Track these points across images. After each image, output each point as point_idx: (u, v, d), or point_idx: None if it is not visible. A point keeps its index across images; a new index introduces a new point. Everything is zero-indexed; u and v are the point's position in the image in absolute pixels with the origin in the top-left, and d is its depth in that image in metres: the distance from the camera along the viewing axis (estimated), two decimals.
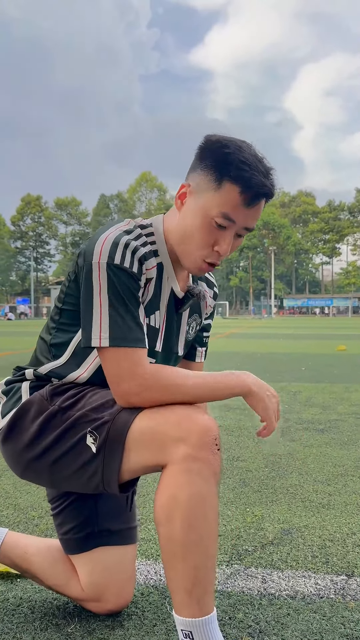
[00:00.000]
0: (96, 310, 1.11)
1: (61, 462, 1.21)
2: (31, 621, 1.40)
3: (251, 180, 1.12)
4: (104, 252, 1.12)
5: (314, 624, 1.38)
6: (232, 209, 1.14)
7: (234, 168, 1.12)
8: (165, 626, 1.37)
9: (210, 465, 1.06)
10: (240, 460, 2.87)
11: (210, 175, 1.15)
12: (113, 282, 1.11)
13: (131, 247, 1.14)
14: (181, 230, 1.21)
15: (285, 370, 7.17)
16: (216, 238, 1.18)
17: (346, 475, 2.64)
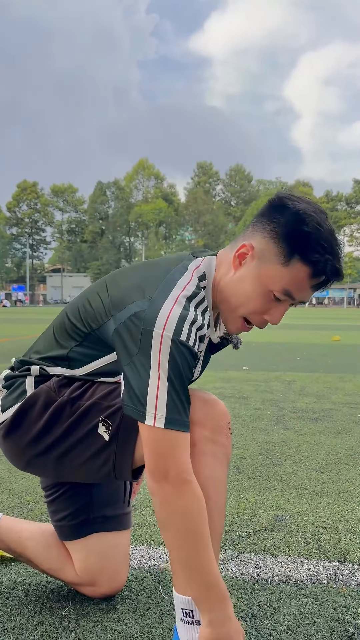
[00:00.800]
0: (153, 384, 1.00)
1: (71, 453, 1.19)
2: (25, 604, 1.41)
3: (326, 265, 1.05)
4: (170, 325, 1.01)
5: (306, 608, 1.39)
6: (296, 288, 1.08)
7: (309, 250, 1.04)
8: (158, 610, 1.38)
9: (223, 447, 1.10)
10: (234, 448, 2.88)
11: (280, 247, 1.07)
12: (176, 359, 1.00)
13: (197, 325, 1.05)
14: (234, 290, 1.13)
15: (280, 360, 7.19)
16: (270, 308, 1.12)
17: (339, 463, 2.65)
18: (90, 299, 1.20)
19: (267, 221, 1.09)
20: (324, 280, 1.08)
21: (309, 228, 1.03)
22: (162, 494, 1.02)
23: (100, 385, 1.20)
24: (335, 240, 1.06)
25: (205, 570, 1.03)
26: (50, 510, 1.42)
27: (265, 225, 1.09)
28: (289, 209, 1.06)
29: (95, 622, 1.33)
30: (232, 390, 4.66)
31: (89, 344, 1.18)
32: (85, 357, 1.20)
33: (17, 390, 1.25)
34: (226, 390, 4.68)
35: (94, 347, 1.18)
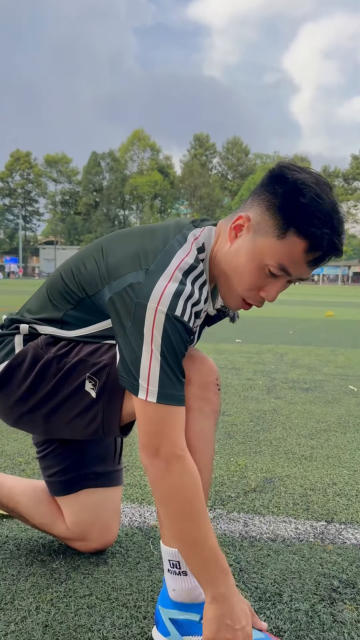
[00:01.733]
0: (145, 358, 0.99)
1: (59, 410, 1.19)
2: (17, 557, 1.43)
3: (322, 239, 0.99)
4: (164, 300, 0.98)
5: (293, 564, 1.43)
6: (291, 263, 1.03)
7: (305, 222, 0.99)
8: (148, 564, 1.41)
9: (211, 403, 1.09)
10: (226, 415, 2.91)
11: (275, 219, 1.02)
12: (169, 335, 0.98)
13: (193, 300, 1.02)
14: (230, 264, 1.09)
15: (274, 333, 7.22)
16: (265, 283, 1.08)
17: (329, 430, 2.69)
18: (85, 262, 1.17)
19: (265, 192, 1.04)
20: (321, 256, 1.02)
21: (305, 199, 0.98)
22: (154, 470, 1.01)
23: (87, 344, 1.19)
24: (337, 214, 1.00)
25: (202, 545, 1.02)
26: (42, 466, 1.43)
27: (263, 196, 1.04)
28: (287, 179, 1.00)
29: (86, 574, 1.36)
30: (224, 362, 4.69)
31: (84, 309, 1.17)
32: (80, 322, 1.19)
33: (6, 347, 1.24)
34: (219, 361, 4.70)
35: (89, 313, 1.17)
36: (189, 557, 1.03)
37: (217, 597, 1.01)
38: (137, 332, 0.99)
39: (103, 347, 1.17)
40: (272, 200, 1.02)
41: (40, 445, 1.42)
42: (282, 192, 1.01)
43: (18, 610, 1.20)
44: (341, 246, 1.02)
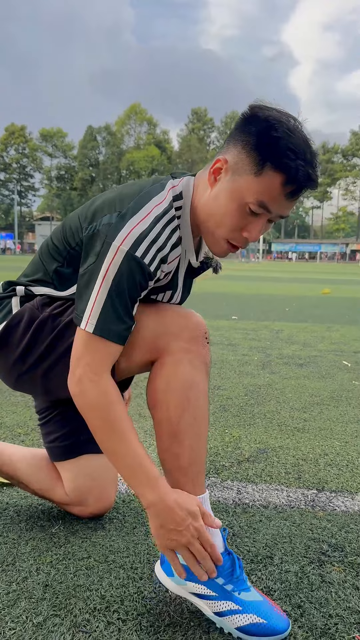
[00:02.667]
0: (94, 293, 1.04)
1: (56, 368, 1.24)
2: (17, 522, 1.48)
3: (297, 171, 1.01)
4: (129, 239, 1.02)
5: (284, 529, 1.48)
6: (270, 198, 1.05)
7: (280, 155, 1.01)
8: (144, 529, 1.46)
9: (200, 355, 1.13)
10: (221, 389, 2.96)
11: (251, 157, 1.04)
12: (122, 274, 1.02)
13: (158, 244, 1.05)
14: (211, 209, 1.11)
15: (269, 310, 7.25)
16: (247, 223, 1.10)
17: (322, 404, 2.74)
18: (71, 220, 1.24)
19: (240, 133, 1.07)
20: (297, 188, 1.04)
21: (278, 133, 1.00)
22: (71, 390, 1.09)
23: None
24: (309, 148, 1.03)
25: (124, 456, 1.06)
26: (43, 432, 1.48)
27: (238, 137, 1.07)
28: (259, 117, 1.04)
29: (84, 538, 1.41)
30: (220, 338, 4.72)
31: (71, 264, 1.22)
32: (71, 277, 1.23)
33: (4, 309, 1.29)
34: (215, 337, 4.74)
35: (77, 267, 1.20)
36: (118, 469, 1.10)
37: (148, 505, 1.05)
38: (97, 267, 1.04)
39: None
40: (247, 139, 1.05)
41: (43, 412, 1.47)
42: (256, 130, 1.04)
43: (19, 571, 1.25)
44: (316, 177, 1.05)
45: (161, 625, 1.09)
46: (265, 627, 1.04)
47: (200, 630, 1.08)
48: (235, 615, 1.06)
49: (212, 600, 1.09)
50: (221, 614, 1.08)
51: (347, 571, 1.28)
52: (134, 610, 1.12)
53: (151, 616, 1.11)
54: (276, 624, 1.05)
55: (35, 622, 1.08)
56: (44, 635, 1.04)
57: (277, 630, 1.04)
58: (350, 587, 1.22)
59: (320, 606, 1.15)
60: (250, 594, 1.09)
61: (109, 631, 1.06)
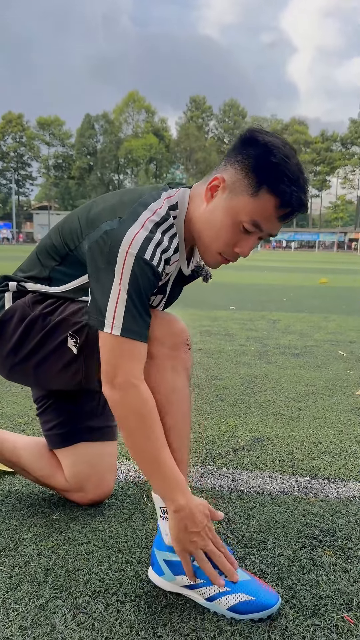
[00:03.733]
0: (113, 296, 1.07)
1: (45, 364, 1.31)
2: (19, 509, 1.53)
3: (292, 196, 1.08)
4: (135, 243, 1.07)
5: (278, 515, 1.53)
6: (264, 219, 1.12)
7: (276, 180, 1.07)
8: (142, 515, 1.51)
9: (182, 361, 1.19)
10: (218, 379, 3.00)
11: (248, 178, 1.10)
12: (137, 276, 1.07)
13: (162, 247, 1.10)
14: (206, 223, 1.17)
15: (267, 300, 7.29)
16: (239, 239, 1.16)
17: (317, 393, 2.79)
18: (70, 220, 1.28)
19: (238, 154, 1.12)
20: (290, 212, 1.11)
21: (276, 159, 1.06)
22: (111, 396, 1.11)
23: (71, 304, 1.30)
24: (302, 175, 1.10)
25: (159, 462, 1.11)
26: (42, 421, 1.53)
27: (236, 158, 1.12)
28: (258, 141, 1.09)
29: (84, 524, 1.45)
30: (218, 328, 4.76)
31: (68, 264, 1.27)
32: (65, 277, 1.29)
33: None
34: (212, 328, 4.78)
35: (73, 267, 1.26)
36: (150, 475, 1.14)
37: (178, 508, 1.11)
38: (109, 273, 1.08)
39: (84, 308, 1.26)
40: (246, 161, 1.11)
41: (39, 401, 1.53)
42: (255, 154, 1.10)
43: (21, 556, 1.30)
44: (307, 202, 1.13)
45: (158, 606, 1.13)
46: (254, 603, 1.09)
47: (196, 611, 1.13)
48: (225, 597, 1.11)
49: (201, 587, 1.14)
50: (211, 598, 1.12)
51: (338, 555, 1.33)
52: (132, 593, 1.17)
53: (148, 598, 1.16)
54: (265, 599, 1.10)
55: (37, 604, 1.13)
56: (45, 617, 1.09)
57: (266, 605, 1.09)
58: (340, 570, 1.27)
59: (311, 588, 1.20)
60: (237, 574, 1.14)
61: (108, 612, 1.11)
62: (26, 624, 1.07)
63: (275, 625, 1.08)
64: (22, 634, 1.04)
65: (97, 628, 1.06)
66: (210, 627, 1.07)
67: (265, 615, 1.09)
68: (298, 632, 1.06)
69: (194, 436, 2.10)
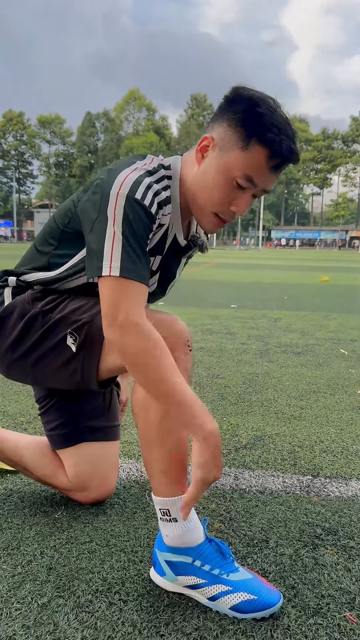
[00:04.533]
0: (109, 240, 1.06)
1: (43, 361, 1.30)
2: (21, 508, 1.53)
3: (281, 146, 1.08)
4: (126, 185, 1.07)
5: (279, 514, 1.53)
6: (257, 172, 1.11)
7: (264, 130, 1.07)
8: (144, 514, 1.51)
9: (182, 362, 1.17)
10: (219, 378, 3.00)
11: (238, 132, 1.10)
12: (129, 215, 1.06)
13: (154, 189, 1.10)
14: (199, 184, 1.16)
15: (268, 299, 7.28)
16: (234, 197, 1.15)
17: (318, 392, 2.79)
18: (64, 204, 1.30)
19: (225, 112, 1.13)
20: (281, 162, 1.11)
21: (262, 110, 1.08)
22: (113, 337, 1.06)
23: (71, 301, 1.29)
24: (290, 125, 1.11)
25: (175, 393, 1.05)
26: (44, 421, 1.52)
27: (224, 116, 1.13)
28: (243, 96, 1.11)
29: (86, 523, 1.46)
30: (219, 327, 4.76)
31: (64, 245, 1.28)
32: (63, 259, 1.29)
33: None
34: (214, 326, 4.77)
35: (68, 246, 1.27)
36: (174, 408, 1.06)
37: (209, 433, 1.05)
38: (103, 217, 1.08)
39: (84, 306, 1.26)
40: (233, 117, 1.11)
41: (41, 401, 1.52)
42: (241, 108, 1.11)
43: (24, 555, 1.30)
44: (297, 152, 1.12)
45: (160, 605, 1.14)
46: (256, 602, 1.09)
47: (198, 609, 1.13)
48: (227, 596, 1.11)
49: (203, 587, 1.14)
50: (213, 597, 1.12)
51: (340, 554, 1.33)
52: (135, 592, 1.17)
53: (151, 597, 1.16)
54: (267, 598, 1.10)
55: (40, 603, 1.13)
56: (48, 615, 1.09)
57: (268, 604, 1.09)
58: (342, 569, 1.27)
59: (313, 587, 1.20)
60: (239, 573, 1.14)
61: (111, 611, 1.11)
62: (29, 623, 1.07)
63: (278, 624, 1.08)
64: (24, 632, 1.04)
65: (100, 627, 1.06)
66: (212, 626, 1.07)
67: (268, 614, 1.09)
68: (300, 631, 1.06)
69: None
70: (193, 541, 1.16)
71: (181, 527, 1.16)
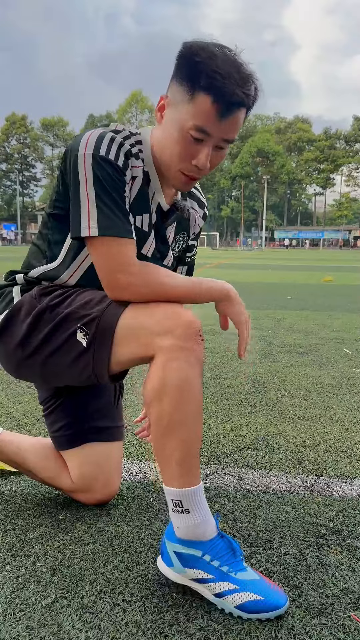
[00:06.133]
0: (84, 201, 1.13)
1: (53, 357, 1.28)
2: (25, 509, 1.53)
3: (223, 89, 1.08)
4: (90, 144, 1.13)
5: (283, 513, 1.52)
6: (205, 121, 1.12)
7: (204, 77, 1.08)
8: (148, 514, 1.51)
9: (194, 353, 1.15)
10: (223, 378, 3.00)
11: (184, 85, 1.12)
12: (97, 174, 1.12)
13: (117, 141, 1.15)
14: (162, 143, 1.21)
15: (271, 299, 7.28)
16: (194, 151, 1.16)
17: (322, 391, 2.78)
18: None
19: (175, 70, 1.15)
20: (226, 105, 1.10)
21: (200, 58, 1.08)
22: (117, 295, 1.17)
23: (78, 295, 1.28)
24: (238, 69, 1.10)
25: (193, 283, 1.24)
26: (48, 422, 1.52)
27: (174, 73, 1.16)
28: (187, 49, 1.12)
29: (90, 524, 1.45)
30: None
31: (55, 228, 1.30)
32: (58, 245, 1.31)
33: (6, 298, 1.35)
34: (217, 326, 4.75)
35: (59, 229, 1.29)
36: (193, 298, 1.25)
37: (230, 288, 1.30)
38: (76, 181, 1.15)
39: (93, 300, 1.24)
40: (179, 71, 1.14)
41: (46, 402, 1.52)
42: (184, 62, 1.12)
43: (28, 556, 1.30)
44: (246, 94, 1.11)
45: (164, 606, 1.13)
46: (262, 603, 1.09)
47: (202, 610, 1.13)
48: (233, 595, 1.11)
49: (210, 582, 1.13)
50: (220, 594, 1.12)
51: (344, 554, 1.33)
52: (138, 592, 1.17)
53: (155, 598, 1.16)
54: (273, 599, 1.10)
55: (44, 604, 1.13)
56: (52, 617, 1.09)
57: (274, 606, 1.09)
58: (346, 568, 1.27)
59: (318, 587, 1.19)
60: (247, 573, 1.14)
61: (115, 612, 1.11)
62: (33, 624, 1.07)
63: (282, 624, 1.08)
64: (28, 634, 1.04)
65: (104, 628, 1.06)
66: (216, 627, 1.07)
67: (273, 615, 1.09)
68: (305, 631, 1.06)
69: None
70: (204, 535, 1.15)
71: (193, 519, 1.15)
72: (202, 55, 1.09)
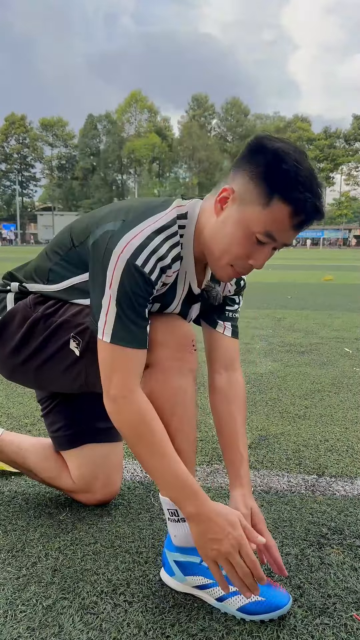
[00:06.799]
0: (105, 301, 1.06)
1: (47, 365, 1.30)
2: (25, 510, 1.53)
3: (306, 204, 1.02)
4: (129, 248, 1.04)
5: (285, 513, 1.52)
6: (278, 229, 1.06)
7: (288, 188, 1.01)
8: (149, 514, 1.50)
9: (187, 362, 1.16)
10: None
11: (259, 188, 1.04)
12: (124, 283, 1.04)
13: (158, 254, 1.06)
14: (217, 236, 1.12)
15: (272, 298, 7.27)
16: (253, 251, 1.10)
17: (323, 391, 2.78)
18: (82, 220, 1.27)
19: (247, 163, 1.07)
20: (304, 219, 1.05)
21: (287, 166, 1.01)
22: (108, 409, 1.10)
23: (72, 305, 1.28)
24: (315, 180, 1.04)
25: (164, 472, 1.09)
26: (47, 422, 1.53)
27: (245, 167, 1.07)
28: (267, 148, 1.04)
29: (91, 524, 1.45)
30: None
31: (68, 261, 1.26)
32: (63, 272, 1.27)
33: (0, 305, 1.36)
34: None
35: (71, 266, 1.25)
36: (159, 484, 1.12)
37: (188, 516, 1.08)
38: (102, 277, 1.07)
39: (86, 309, 1.24)
40: (255, 170, 1.05)
41: (44, 402, 1.52)
42: (264, 162, 1.04)
43: (29, 557, 1.30)
44: (322, 209, 1.06)
45: (166, 606, 1.13)
46: (265, 604, 1.09)
47: (204, 610, 1.12)
48: (235, 597, 1.10)
49: (211, 587, 1.13)
50: (221, 598, 1.12)
51: (346, 553, 1.32)
52: (140, 593, 1.17)
53: (156, 598, 1.16)
54: (275, 600, 1.09)
55: (45, 605, 1.12)
56: (53, 617, 1.09)
57: (276, 606, 1.08)
58: (348, 568, 1.26)
59: (320, 587, 1.19)
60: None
61: (116, 613, 1.10)
62: (34, 625, 1.07)
63: (284, 624, 1.07)
64: (29, 635, 1.04)
65: (105, 628, 1.06)
66: (218, 627, 1.07)
67: (276, 616, 1.09)
68: (307, 631, 1.06)
69: (200, 435, 2.09)
70: None
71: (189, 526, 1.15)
72: (288, 162, 1.01)
